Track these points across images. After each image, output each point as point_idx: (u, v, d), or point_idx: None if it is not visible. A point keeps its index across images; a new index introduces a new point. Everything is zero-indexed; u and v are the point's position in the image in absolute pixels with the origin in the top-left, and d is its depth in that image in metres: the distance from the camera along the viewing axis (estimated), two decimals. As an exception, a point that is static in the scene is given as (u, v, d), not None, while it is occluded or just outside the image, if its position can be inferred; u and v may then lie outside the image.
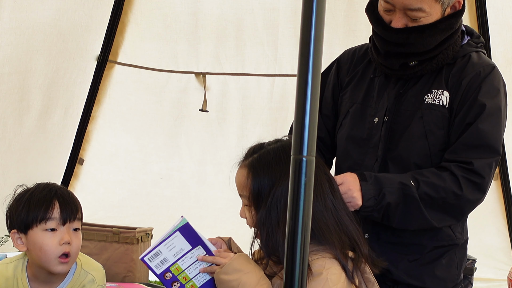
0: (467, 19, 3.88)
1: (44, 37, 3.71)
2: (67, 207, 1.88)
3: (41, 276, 1.87)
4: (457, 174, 1.92)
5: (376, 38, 2.05)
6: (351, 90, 2.16)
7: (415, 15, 1.94)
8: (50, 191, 1.89)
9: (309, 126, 1.20)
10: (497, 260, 4.18)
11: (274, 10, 4.15)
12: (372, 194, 1.89)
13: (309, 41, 1.20)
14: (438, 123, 1.99)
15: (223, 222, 4.45)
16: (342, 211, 1.77)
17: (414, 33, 1.96)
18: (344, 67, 2.22)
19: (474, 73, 2.00)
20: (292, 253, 1.22)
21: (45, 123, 3.98)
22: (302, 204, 1.21)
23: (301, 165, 1.20)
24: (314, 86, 1.20)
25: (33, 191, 1.89)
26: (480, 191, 1.95)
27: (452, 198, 1.93)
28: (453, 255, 2.08)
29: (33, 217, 1.83)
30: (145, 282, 3.78)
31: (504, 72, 3.96)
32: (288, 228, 1.22)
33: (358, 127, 2.10)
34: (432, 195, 1.92)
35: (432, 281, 2.05)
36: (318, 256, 1.69)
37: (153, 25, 4.25)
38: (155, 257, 1.75)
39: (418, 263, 2.04)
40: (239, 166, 1.87)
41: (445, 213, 1.95)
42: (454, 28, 2.00)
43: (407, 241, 2.04)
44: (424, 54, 2.00)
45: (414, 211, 1.93)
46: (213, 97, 4.35)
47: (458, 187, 1.92)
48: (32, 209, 1.84)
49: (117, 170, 4.47)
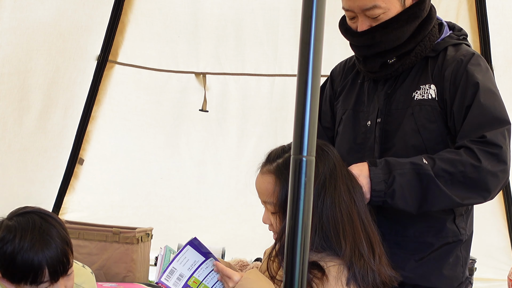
0: (467, 19, 3.89)
1: (44, 37, 3.71)
2: (57, 268, 1.75)
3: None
4: (471, 147, 1.86)
5: (352, 47, 2.11)
6: (342, 98, 2.20)
7: (373, 14, 1.97)
8: (37, 253, 1.71)
9: (309, 126, 1.20)
10: (497, 260, 4.18)
11: (274, 10, 4.16)
12: (381, 177, 1.84)
13: (309, 41, 1.20)
14: (429, 117, 1.99)
15: (223, 222, 4.45)
16: (362, 213, 1.76)
17: (378, 30, 1.98)
18: (337, 79, 2.27)
19: (456, 61, 2.00)
20: (292, 253, 1.22)
21: (45, 123, 3.98)
22: (302, 204, 1.21)
23: (301, 165, 1.20)
24: (314, 86, 1.20)
25: (16, 247, 1.70)
26: (500, 161, 1.87)
27: (471, 171, 1.85)
28: (459, 253, 2.06)
29: (22, 278, 1.70)
30: (145, 282, 3.78)
31: (504, 72, 3.99)
32: (288, 228, 1.22)
33: (352, 132, 2.11)
34: (449, 170, 1.85)
35: (439, 280, 2.03)
36: (333, 263, 1.68)
37: (153, 25, 4.25)
38: (171, 275, 1.73)
39: (424, 263, 2.03)
40: (260, 171, 1.83)
41: (468, 189, 1.87)
42: (421, 16, 2.00)
43: (412, 240, 2.02)
44: (399, 49, 2.01)
45: (433, 190, 1.85)
46: (213, 97, 4.35)
47: (476, 159, 1.85)
48: (20, 270, 1.70)
49: (117, 170, 4.47)
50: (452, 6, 3.86)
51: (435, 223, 2.02)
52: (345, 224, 1.71)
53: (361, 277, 1.68)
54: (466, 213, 2.08)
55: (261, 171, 1.83)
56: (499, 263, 4.15)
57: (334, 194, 1.72)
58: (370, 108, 2.09)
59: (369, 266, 1.70)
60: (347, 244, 1.69)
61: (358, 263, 1.68)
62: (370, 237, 1.75)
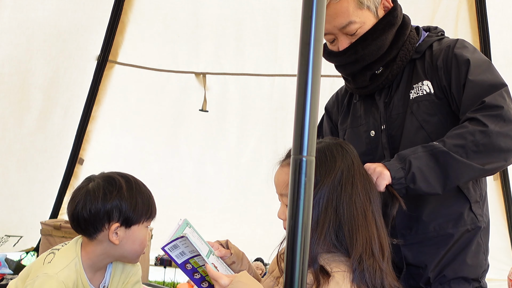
0: (467, 19, 3.89)
1: (44, 37, 3.71)
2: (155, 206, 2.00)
3: (93, 269, 1.93)
4: (474, 116, 1.88)
5: (338, 69, 2.16)
6: (340, 123, 2.28)
7: (351, 30, 2.02)
8: (147, 188, 1.99)
9: (309, 126, 1.20)
10: (497, 260, 4.18)
11: (274, 10, 4.16)
12: (398, 166, 1.85)
13: (309, 41, 1.20)
14: (429, 110, 2.03)
15: (223, 222, 4.45)
16: (376, 213, 1.77)
17: (359, 44, 2.04)
18: (333, 110, 2.34)
19: (443, 50, 2.05)
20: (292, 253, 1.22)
21: (45, 123, 3.98)
22: (302, 204, 1.21)
23: (301, 165, 1.20)
24: (314, 86, 1.20)
25: (136, 186, 1.96)
26: (507, 120, 1.87)
27: (481, 137, 1.85)
28: (480, 240, 2.08)
29: (143, 214, 1.92)
30: (145, 282, 3.78)
31: (504, 72, 3.97)
32: (288, 228, 1.22)
33: (357, 145, 2.13)
34: (460, 143, 1.85)
35: (465, 269, 2.05)
36: (339, 269, 1.69)
37: (153, 25, 4.25)
38: (174, 248, 1.77)
39: (450, 255, 2.05)
40: (280, 165, 1.84)
41: (485, 155, 1.86)
42: (396, 23, 2.07)
43: (434, 235, 2.04)
44: (383, 58, 2.07)
45: (452, 164, 1.85)
46: (213, 97, 4.35)
47: (482, 124, 1.85)
48: (141, 206, 1.92)
49: (117, 170, 4.46)
50: (452, 6, 3.87)
51: (452, 214, 2.05)
52: (359, 220, 1.71)
53: (369, 274, 1.68)
54: (481, 200, 2.11)
55: (281, 165, 1.84)
56: (499, 263, 4.15)
57: (352, 190, 1.73)
58: (370, 119, 2.14)
59: (379, 265, 1.71)
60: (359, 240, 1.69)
61: (368, 260, 1.69)
62: (381, 238, 1.76)
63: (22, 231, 4.18)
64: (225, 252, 1.88)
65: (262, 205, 4.06)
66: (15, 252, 4.28)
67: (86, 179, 1.97)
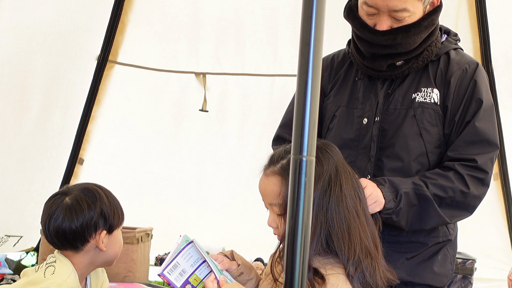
0: (467, 19, 3.89)
1: (44, 37, 3.71)
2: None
3: (80, 280, 1.96)
4: (462, 173, 1.98)
5: (361, 42, 2.08)
6: (334, 95, 2.20)
7: (400, 16, 1.99)
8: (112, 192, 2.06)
9: (309, 126, 1.20)
10: (497, 260, 4.18)
11: (274, 10, 4.16)
12: (391, 196, 1.93)
13: (309, 41, 1.20)
14: (431, 120, 2.04)
15: (223, 222, 4.45)
16: (369, 217, 1.77)
17: (401, 33, 2.00)
18: (324, 74, 2.25)
19: (461, 70, 2.05)
20: (292, 253, 1.22)
21: (45, 123, 3.98)
22: (302, 204, 1.21)
23: (301, 165, 1.20)
24: (314, 86, 1.20)
25: (108, 193, 2.02)
26: (485, 185, 2.02)
27: (460, 196, 1.99)
28: (447, 251, 2.13)
29: (120, 218, 2.00)
30: (145, 282, 3.78)
31: (504, 72, 3.99)
32: (288, 228, 1.22)
33: (346, 129, 2.12)
34: (440, 195, 1.97)
35: (431, 277, 2.09)
36: (333, 271, 1.68)
37: (153, 25, 4.25)
38: (174, 269, 1.75)
39: (416, 261, 2.08)
40: (263, 173, 1.81)
41: (455, 210, 2.01)
42: (436, 24, 2.06)
43: (404, 239, 2.07)
44: (410, 53, 2.05)
45: (429, 210, 1.97)
46: (213, 97, 4.35)
47: (465, 185, 1.98)
48: (118, 211, 2.00)
49: (117, 170, 4.47)
50: (452, 6, 3.86)
51: None
52: (352, 222, 1.71)
53: (369, 274, 1.68)
54: None
55: (265, 173, 1.80)
56: (499, 263, 4.15)
57: (340, 192, 1.72)
58: (366, 105, 2.11)
59: (377, 262, 1.70)
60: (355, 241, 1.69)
61: (365, 260, 1.68)
62: (373, 233, 1.76)
63: (22, 231, 4.18)
64: (230, 264, 1.83)
65: (262, 205, 4.05)
66: (15, 252, 4.28)
67: (57, 194, 1.98)
